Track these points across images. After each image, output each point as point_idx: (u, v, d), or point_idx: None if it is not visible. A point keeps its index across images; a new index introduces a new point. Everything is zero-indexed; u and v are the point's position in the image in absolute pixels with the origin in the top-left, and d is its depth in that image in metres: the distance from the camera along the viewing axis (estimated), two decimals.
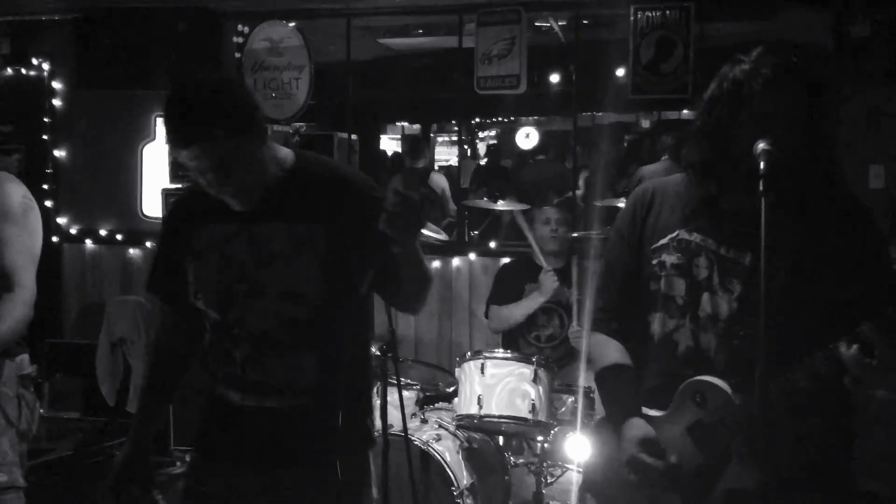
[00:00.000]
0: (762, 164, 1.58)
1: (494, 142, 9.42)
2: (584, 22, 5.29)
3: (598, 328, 2.02)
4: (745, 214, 1.67)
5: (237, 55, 5.18)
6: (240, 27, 5.19)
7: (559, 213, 4.33)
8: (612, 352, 1.97)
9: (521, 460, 4.04)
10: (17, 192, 2.54)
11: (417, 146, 7.48)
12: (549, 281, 4.12)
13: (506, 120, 8.93)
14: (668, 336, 1.85)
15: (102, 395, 5.20)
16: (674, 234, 1.85)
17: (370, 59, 6.52)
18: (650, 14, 4.65)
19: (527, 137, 9.12)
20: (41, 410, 5.23)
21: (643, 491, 1.82)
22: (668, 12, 4.61)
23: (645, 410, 1.87)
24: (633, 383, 1.93)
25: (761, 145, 1.61)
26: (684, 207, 1.86)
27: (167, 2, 5.11)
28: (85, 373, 5.27)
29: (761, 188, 1.55)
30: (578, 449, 3.56)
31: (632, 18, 4.67)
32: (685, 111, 7.59)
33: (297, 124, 5.11)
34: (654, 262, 1.87)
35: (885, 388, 1.68)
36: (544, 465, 3.85)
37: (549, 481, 4.03)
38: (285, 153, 1.98)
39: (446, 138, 9.62)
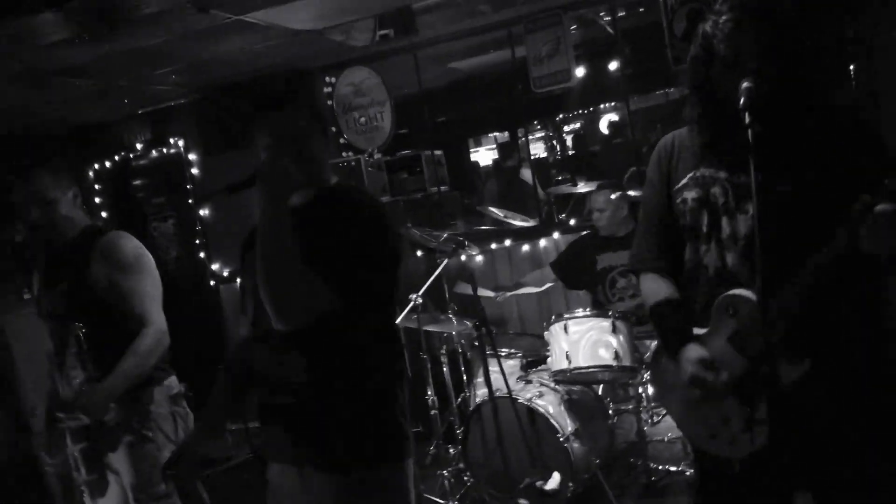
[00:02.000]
0: (742, 100, 1.66)
1: (577, 129, 9.58)
2: (621, 14, 5.41)
3: (646, 268, 2.09)
4: (747, 146, 1.68)
5: (329, 102, 5.61)
6: (327, 79, 5.61)
7: (600, 201, 4.44)
8: (663, 288, 2.04)
9: (626, 406, 4.22)
10: (128, 246, 2.77)
11: (506, 149, 7.83)
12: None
13: (587, 111, 9.06)
14: (699, 262, 1.93)
15: None
16: (691, 174, 1.94)
17: (446, 84, 6.85)
18: None
19: (609, 123, 9.18)
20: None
21: (707, 403, 1.91)
22: None
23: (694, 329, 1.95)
24: (683, 313, 1.99)
25: (744, 84, 1.68)
26: (696, 151, 1.94)
27: (267, 70, 5.55)
28: None
29: (746, 121, 1.64)
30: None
31: None
32: None
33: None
34: (678, 200, 1.96)
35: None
36: (642, 406, 4.02)
37: (655, 421, 4.20)
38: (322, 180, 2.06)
39: (533, 136, 9.85)
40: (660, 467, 4.04)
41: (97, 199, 6.26)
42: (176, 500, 2.78)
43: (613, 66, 6.46)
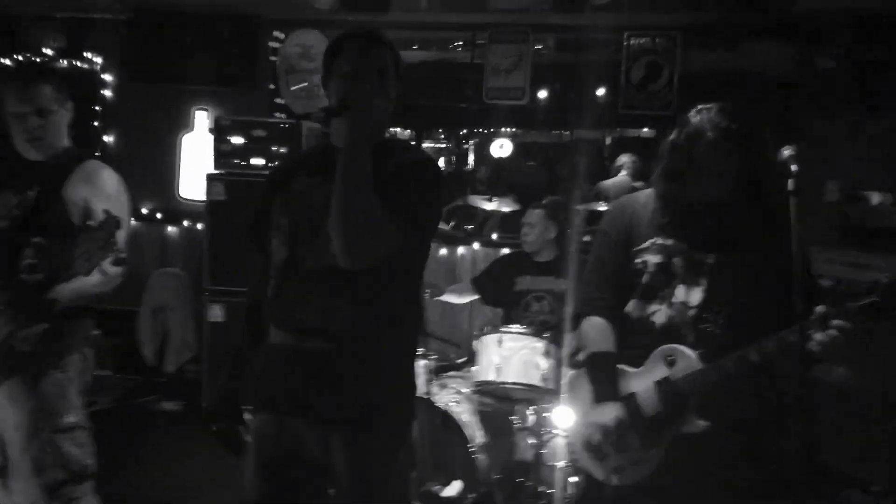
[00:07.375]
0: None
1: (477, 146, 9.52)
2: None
3: (595, 311, 2.15)
4: (707, 228, 1.94)
5: (272, 58, 5.19)
6: (276, 33, 5.19)
7: (533, 216, 4.22)
8: (605, 339, 2.11)
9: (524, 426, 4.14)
10: (112, 177, 2.63)
11: None
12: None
13: (484, 131, 8.99)
14: (647, 318, 2.02)
15: (139, 355, 5.19)
16: (653, 240, 2.04)
17: None
18: (640, 41, 4.83)
19: (500, 147, 9.11)
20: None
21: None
22: (657, 39, 4.80)
23: (623, 367, 2.06)
24: (616, 369, 2.08)
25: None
26: (659, 220, 2.05)
27: (210, 7, 5.08)
28: (119, 335, 5.22)
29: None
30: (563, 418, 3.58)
31: (625, 43, 4.84)
32: (644, 129, 7.75)
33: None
34: (638, 260, 2.05)
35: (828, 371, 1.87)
36: (541, 429, 3.97)
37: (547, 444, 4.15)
38: None
39: (434, 145, 9.67)
40: (547, 490, 3.95)
41: None
42: (79, 434, 2.58)
43: (543, 94, 6.42)
